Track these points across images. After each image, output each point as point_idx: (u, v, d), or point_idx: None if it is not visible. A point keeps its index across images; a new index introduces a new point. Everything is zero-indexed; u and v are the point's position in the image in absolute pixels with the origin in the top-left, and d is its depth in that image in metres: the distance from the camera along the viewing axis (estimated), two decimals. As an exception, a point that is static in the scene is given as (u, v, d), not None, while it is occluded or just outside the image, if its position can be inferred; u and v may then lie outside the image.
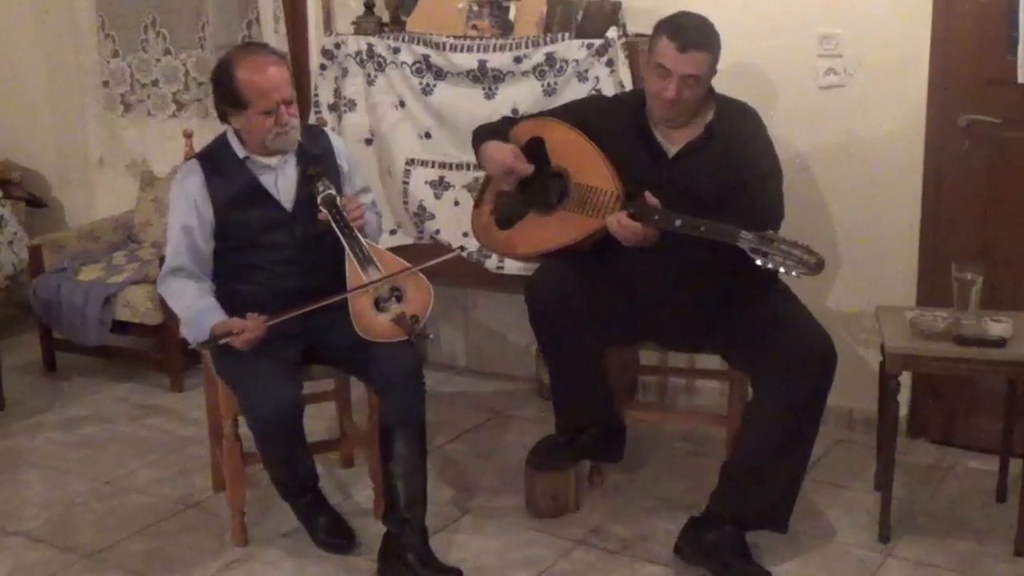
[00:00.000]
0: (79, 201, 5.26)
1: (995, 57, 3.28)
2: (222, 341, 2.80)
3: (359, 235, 2.91)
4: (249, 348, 2.80)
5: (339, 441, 3.45)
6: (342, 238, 2.89)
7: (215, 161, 2.99)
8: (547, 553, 3.02)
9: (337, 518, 3.10)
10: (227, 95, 2.90)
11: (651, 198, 2.82)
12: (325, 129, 3.26)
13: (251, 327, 2.78)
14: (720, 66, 2.93)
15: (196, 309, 2.90)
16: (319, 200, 2.90)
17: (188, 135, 3.42)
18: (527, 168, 3.08)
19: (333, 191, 2.93)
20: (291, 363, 2.91)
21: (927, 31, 3.38)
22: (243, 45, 3.15)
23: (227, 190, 2.95)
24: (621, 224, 2.82)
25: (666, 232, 2.82)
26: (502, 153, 3.09)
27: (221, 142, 3.02)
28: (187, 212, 2.94)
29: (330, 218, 2.89)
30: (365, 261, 2.89)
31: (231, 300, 2.99)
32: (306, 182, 2.97)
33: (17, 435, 3.92)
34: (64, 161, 5.26)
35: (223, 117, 2.98)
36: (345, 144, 3.26)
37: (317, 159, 3.02)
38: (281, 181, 2.99)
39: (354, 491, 3.40)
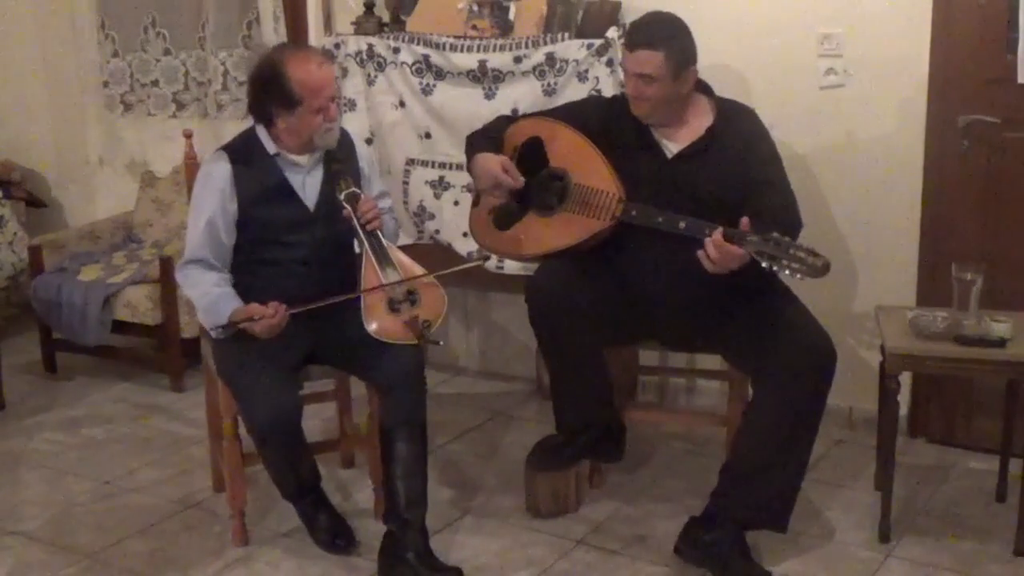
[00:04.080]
0: (79, 201, 5.27)
1: (995, 57, 3.28)
2: (241, 325, 2.77)
3: (379, 234, 2.92)
4: (269, 335, 2.78)
5: (339, 441, 3.45)
6: (362, 235, 2.89)
7: (243, 154, 2.96)
8: (547, 553, 3.02)
9: (337, 518, 3.10)
10: (277, 94, 2.86)
11: (745, 222, 2.66)
12: (348, 131, 3.26)
13: (270, 314, 2.77)
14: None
15: (214, 296, 2.89)
16: (342, 197, 2.90)
17: (188, 135, 3.42)
18: (517, 182, 3.05)
19: (357, 189, 2.94)
20: (290, 367, 2.91)
21: (927, 31, 3.38)
22: (286, 44, 3.14)
23: (254, 184, 2.93)
24: (718, 247, 2.65)
25: (667, 233, 2.82)
26: (491, 165, 3.05)
27: (249, 136, 2.99)
28: (213, 203, 2.92)
29: (352, 215, 2.89)
30: (384, 261, 2.89)
31: (241, 294, 2.99)
32: (329, 178, 2.97)
33: (17, 435, 3.92)
34: (64, 161, 5.27)
35: (266, 117, 2.92)
36: (368, 148, 3.25)
37: (341, 161, 3.02)
38: (308, 181, 2.99)
39: (354, 491, 3.40)
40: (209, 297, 2.90)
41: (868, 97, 3.50)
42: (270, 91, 2.88)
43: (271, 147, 2.96)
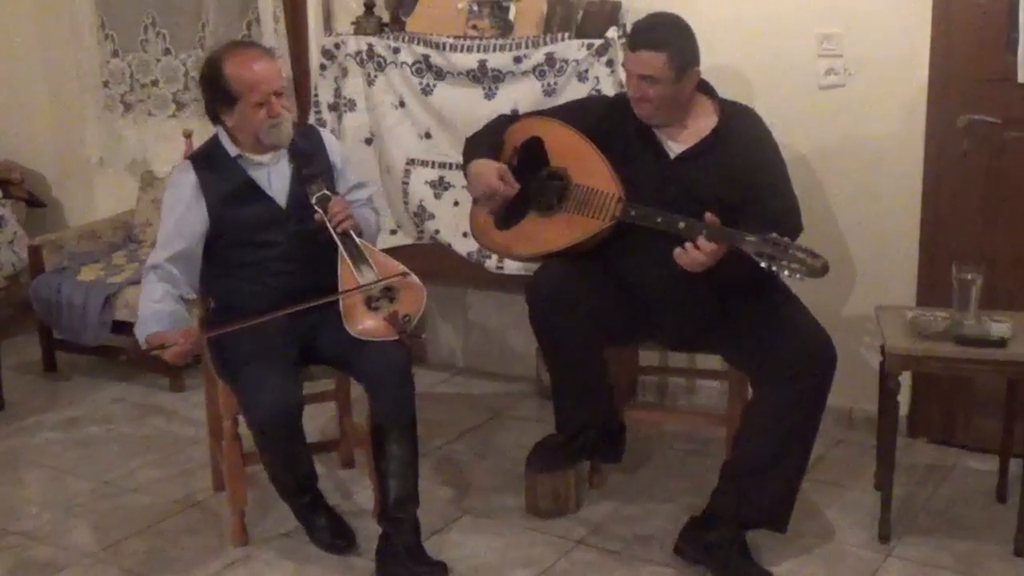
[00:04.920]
0: (79, 201, 5.27)
1: (995, 57, 3.29)
2: (153, 352, 2.82)
3: (353, 235, 2.92)
4: (180, 362, 2.84)
5: (339, 441, 3.45)
6: (335, 237, 2.90)
7: (208, 161, 2.99)
8: (547, 553, 3.02)
9: (336, 518, 3.10)
10: (218, 92, 2.91)
11: (711, 216, 2.71)
12: (317, 127, 3.27)
13: (180, 342, 2.77)
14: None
15: (148, 312, 2.89)
16: (313, 201, 2.91)
17: (188, 135, 3.42)
18: (512, 189, 3.06)
19: (327, 191, 2.94)
20: (290, 363, 2.91)
21: (927, 31, 3.38)
22: (230, 43, 3.18)
23: (220, 189, 2.95)
24: (702, 247, 2.67)
25: (668, 234, 2.82)
26: (487, 173, 3.04)
27: (213, 142, 3.03)
28: (180, 213, 2.95)
29: (324, 218, 2.90)
30: (359, 261, 2.89)
31: (229, 298, 3.00)
32: (300, 182, 2.97)
33: (17, 435, 3.92)
34: (64, 161, 5.27)
35: (215, 117, 2.98)
36: (338, 141, 3.26)
37: (309, 156, 3.03)
38: (274, 178, 3.00)
39: (354, 491, 3.39)
40: (144, 312, 2.91)
41: (868, 97, 3.50)
42: (212, 89, 2.93)
43: (232, 150, 2.98)
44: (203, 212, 2.95)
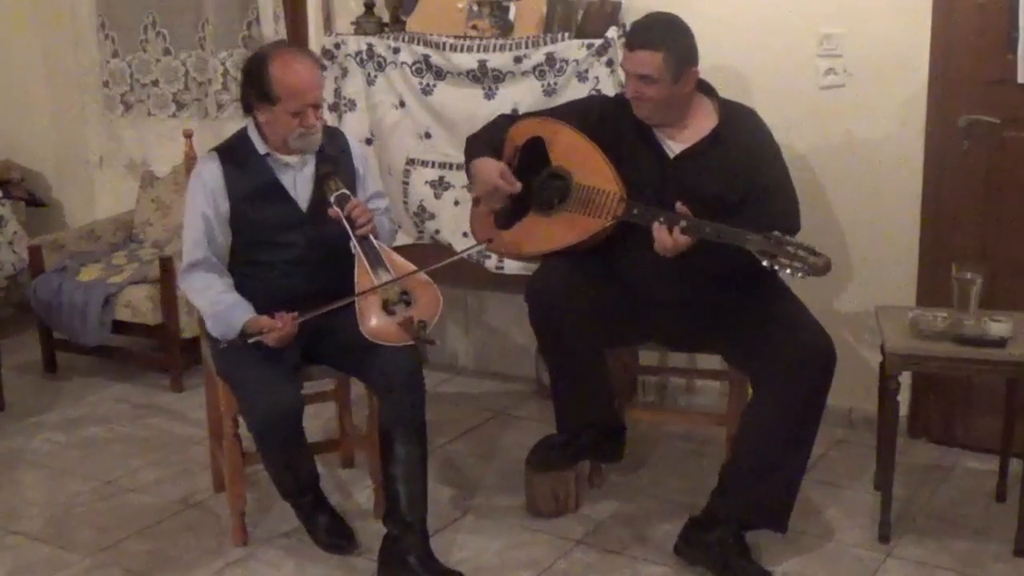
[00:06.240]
0: (79, 201, 5.27)
1: (995, 57, 3.29)
2: (252, 340, 2.78)
3: (371, 236, 2.91)
4: (280, 345, 2.79)
5: (339, 441, 3.45)
6: (353, 237, 2.88)
7: (234, 155, 2.97)
8: (547, 553, 3.02)
9: (337, 518, 3.10)
10: (258, 88, 2.88)
11: (681, 206, 2.77)
12: (343, 131, 3.26)
13: (281, 326, 2.77)
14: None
15: (224, 304, 2.88)
16: (332, 199, 2.89)
17: (188, 135, 3.42)
18: (514, 188, 3.06)
19: (347, 191, 2.93)
20: (290, 364, 2.90)
21: (927, 31, 3.38)
22: (282, 42, 3.13)
23: (245, 184, 2.94)
24: (674, 237, 2.74)
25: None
26: (489, 171, 3.05)
27: (241, 137, 3.00)
28: (205, 202, 2.92)
29: (342, 217, 2.88)
30: (375, 263, 2.88)
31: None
32: (316, 181, 2.97)
33: (17, 435, 3.92)
34: (64, 161, 5.27)
35: (248, 108, 2.96)
36: (361, 148, 3.25)
37: (334, 160, 3.02)
38: (299, 180, 2.99)
39: (354, 491, 3.40)
40: (219, 306, 2.88)
41: (868, 97, 3.50)
42: (252, 83, 2.90)
43: (261, 147, 2.96)
44: (226, 204, 2.93)
